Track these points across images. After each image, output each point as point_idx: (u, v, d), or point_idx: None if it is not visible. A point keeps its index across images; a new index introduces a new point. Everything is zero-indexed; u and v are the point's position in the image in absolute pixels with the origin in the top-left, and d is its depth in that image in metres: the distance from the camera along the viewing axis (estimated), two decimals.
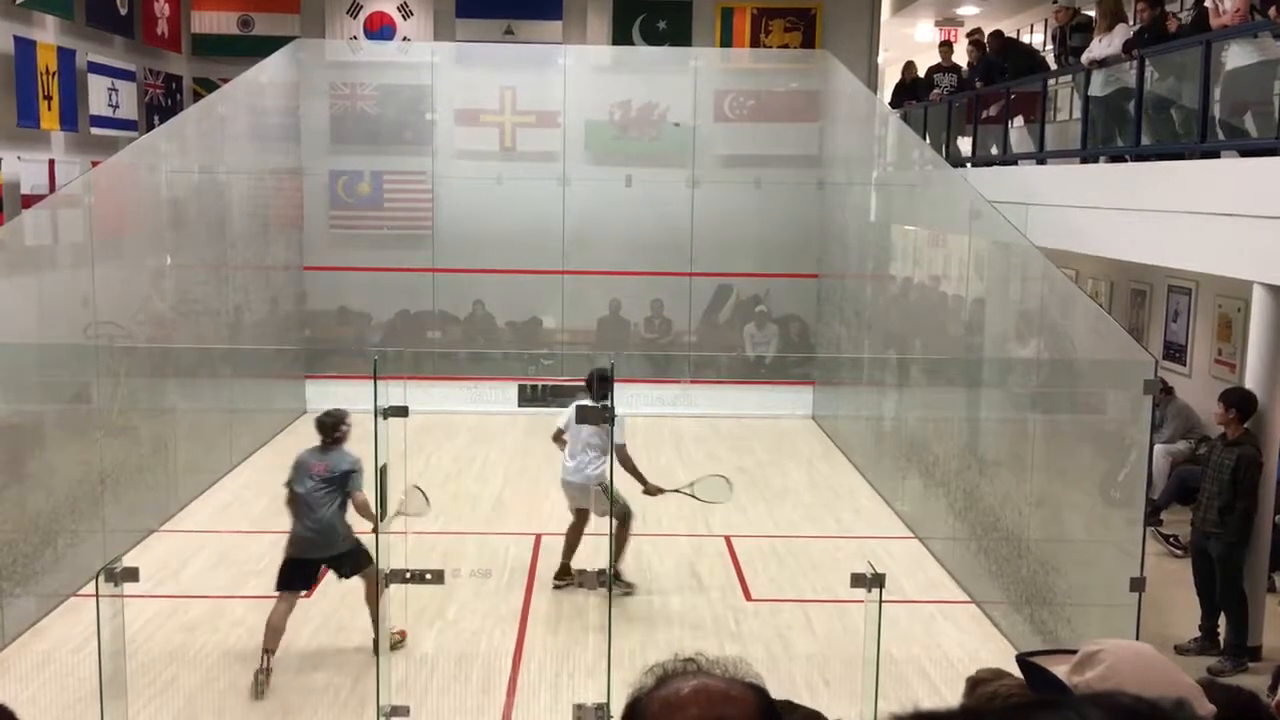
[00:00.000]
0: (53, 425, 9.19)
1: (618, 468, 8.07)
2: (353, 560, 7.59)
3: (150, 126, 14.52)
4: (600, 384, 8.43)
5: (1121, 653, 1.75)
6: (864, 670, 6.14)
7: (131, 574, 5.82)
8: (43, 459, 8.85)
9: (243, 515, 10.82)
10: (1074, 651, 1.85)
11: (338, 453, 7.62)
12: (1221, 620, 7.92)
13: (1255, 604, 7.82)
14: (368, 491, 7.16)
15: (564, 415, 8.94)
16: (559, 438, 9.07)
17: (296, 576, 7.59)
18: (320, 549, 7.56)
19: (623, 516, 8.69)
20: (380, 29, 16.72)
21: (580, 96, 15.67)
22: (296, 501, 7.61)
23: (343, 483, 7.50)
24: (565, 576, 8.88)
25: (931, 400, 11.43)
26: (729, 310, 16.18)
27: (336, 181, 15.85)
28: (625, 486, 8.67)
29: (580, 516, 8.99)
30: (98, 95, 13.81)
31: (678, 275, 15.70)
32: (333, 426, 7.68)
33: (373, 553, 7.03)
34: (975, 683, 3.42)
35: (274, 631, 7.33)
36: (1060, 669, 1.80)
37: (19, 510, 8.37)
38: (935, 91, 14.41)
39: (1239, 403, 7.75)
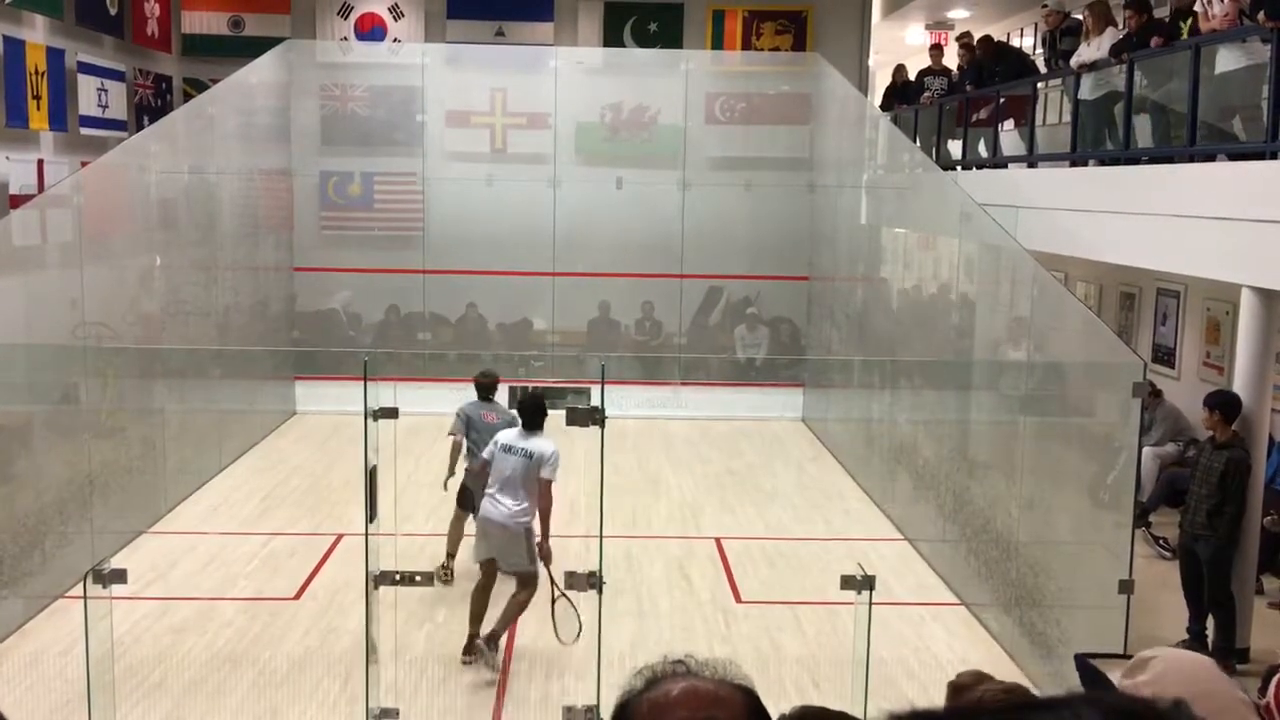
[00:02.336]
0: (41, 426, 9.16)
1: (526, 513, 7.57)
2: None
3: (140, 127, 14.48)
4: (531, 414, 7.77)
5: (1175, 661, 1.75)
6: (853, 672, 6.15)
7: (120, 575, 5.81)
8: (30, 460, 8.82)
9: (232, 517, 10.80)
10: (1129, 657, 1.85)
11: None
12: (1209, 622, 7.95)
13: (1243, 606, 7.84)
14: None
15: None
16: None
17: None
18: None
19: (532, 580, 7.70)
20: (371, 30, 16.70)
21: (571, 98, 15.66)
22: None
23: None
24: (473, 650, 7.60)
25: (921, 402, 11.45)
26: (719, 312, 16.19)
27: (327, 182, 15.83)
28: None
29: (492, 570, 7.77)
30: (87, 95, 13.76)
31: (668, 277, 15.71)
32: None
33: (363, 554, 7.02)
34: (957, 688, 3.42)
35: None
36: (1114, 674, 1.81)
37: (6, 511, 8.33)
38: (926, 95, 14.44)
39: (1221, 405, 7.77)
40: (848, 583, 5.93)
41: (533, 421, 7.71)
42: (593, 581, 6.88)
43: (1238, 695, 1.71)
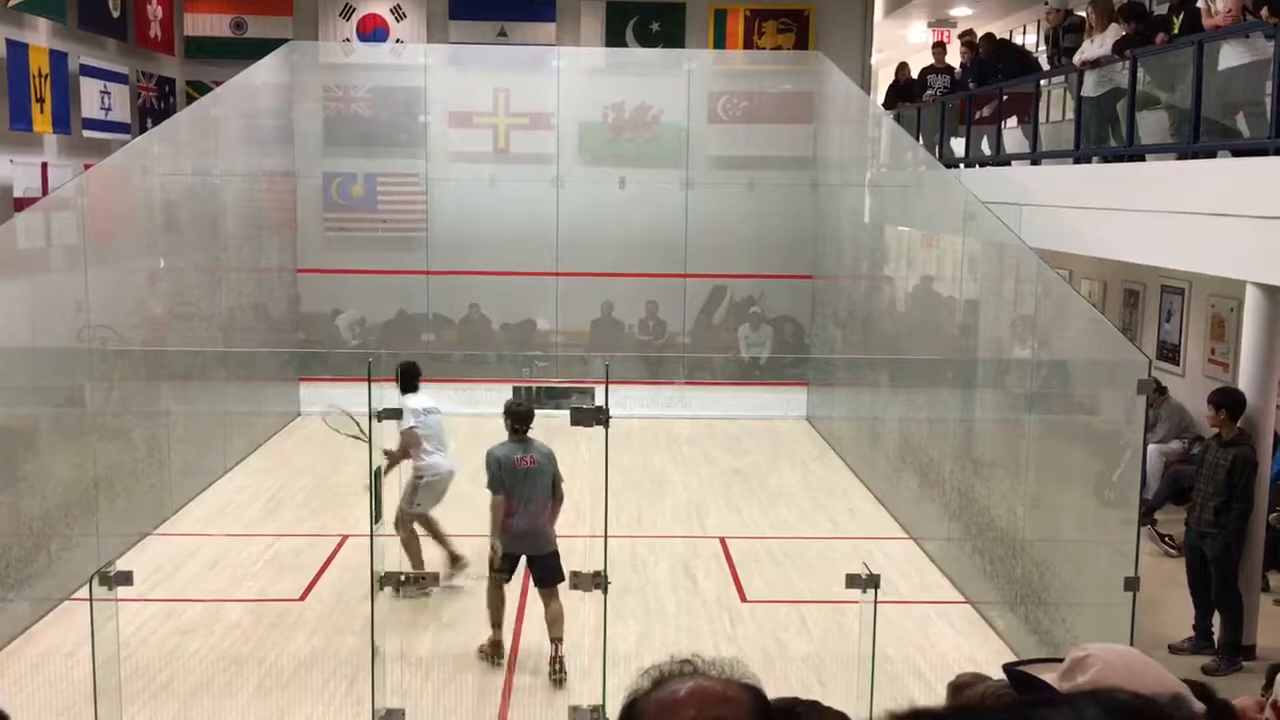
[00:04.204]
0: (46, 429, 9.17)
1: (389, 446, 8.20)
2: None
3: (143, 129, 14.49)
4: (405, 378, 8.71)
5: (1109, 656, 1.75)
6: (859, 671, 6.15)
7: (125, 577, 5.82)
8: (36, 463, 8.83)
9: (237, 518, 10.81)
10: (1059, 660, 1.84)
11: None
12: (1216, 619, 7.94)
13: (1249, 603, 7.83)
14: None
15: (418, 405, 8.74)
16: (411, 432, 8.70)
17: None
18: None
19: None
20: (373, 31, 16.71)
21: (574, 98, 15.67)
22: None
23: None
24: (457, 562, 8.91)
25: (926, 401, 11.44)
26: (723, 312, 16.18)
27: (330, 184, 15.84)
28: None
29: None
30: (90, 98, 13.78)
31: (672, 277, 15.70)
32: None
33: (368, 555, 7.02)
34: (958, 687, 3.41)
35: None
36: (1049, 676, 1.80)
37: (12, 514, 8.34)
38: (928, 93, 14.43)
39: (1227, 403, 7.76)
40: (853, 581, 5.92)
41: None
42: (598, 581, 6.88)
43: (1175, 681, 1.72)
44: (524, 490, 7.64)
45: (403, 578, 7.04)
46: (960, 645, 8.20)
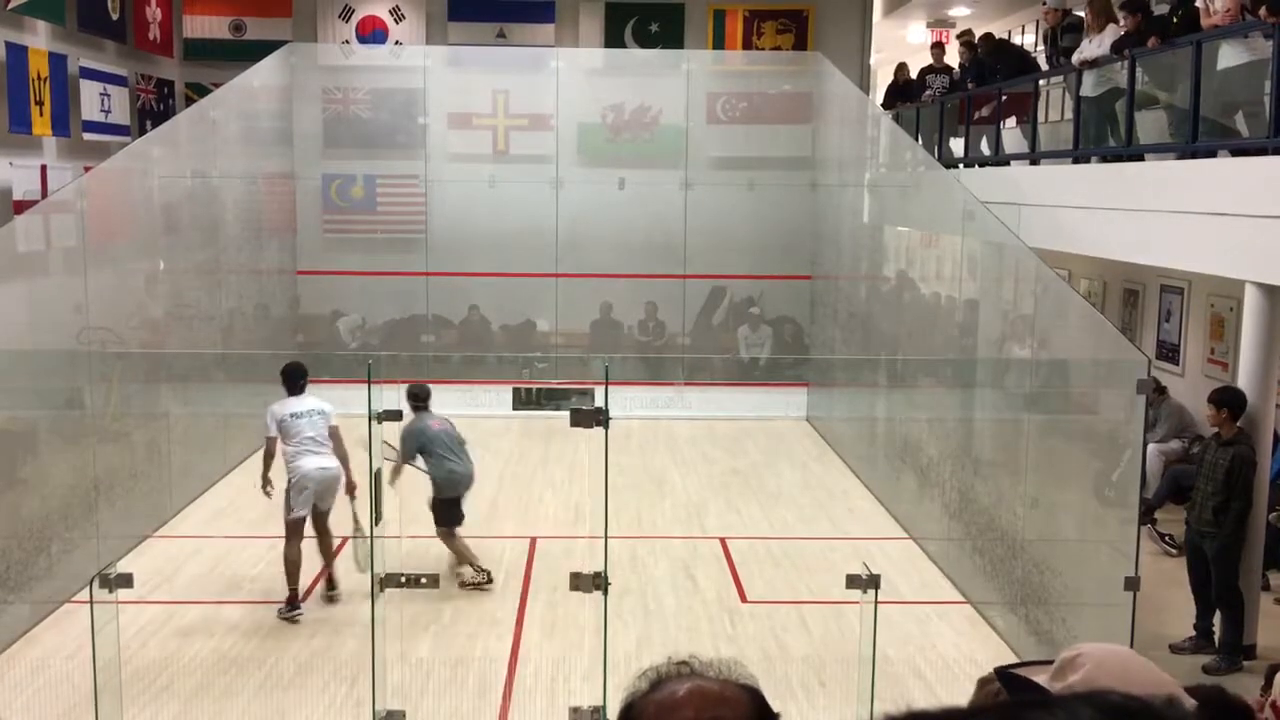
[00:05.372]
0: (46, 431, 9.17)
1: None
2: None
3: (142, 131, 14.49)
4: (287, 378, 9.15)
5: (1100, 655, 1.75)
6: (860, 671, 6.16)
7: (126, 580, 5.82)
8: (36, 465, 8.84)
9: (237, 520, 10.80)
10: (1051, 662, 1.84)
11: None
12: (1216, 619, 7.94)
13: (1250, 602, 7.83)
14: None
15: (292, 409, 8.89)
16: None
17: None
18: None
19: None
20: (372, 33, 16.71)
21: (573, 99, 15.67)
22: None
23: None
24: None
25: (925, 401, 11.45)
26: (723, 312, 16.19)
27: (329, 185, 15.84)
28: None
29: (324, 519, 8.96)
30: (90, 100, 13.78)
31: (671, 278, 15.71)
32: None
33: (368, 557, 7.03)
34: (984, 682, 3.43)
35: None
36: (1040, 678, 1.80)
37: (12, 516, 8.35)
38: (927, 93, 14.44)
39: (1229, 402, 7.76)
40: (853, 582, 5.93)
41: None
42: (598, 582, 6.88)
43: (1168, 680, 1.72)
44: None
45: (403, 579, 7.04)
46: (960, 645, 8.20)
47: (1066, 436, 8.49)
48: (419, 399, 9.17)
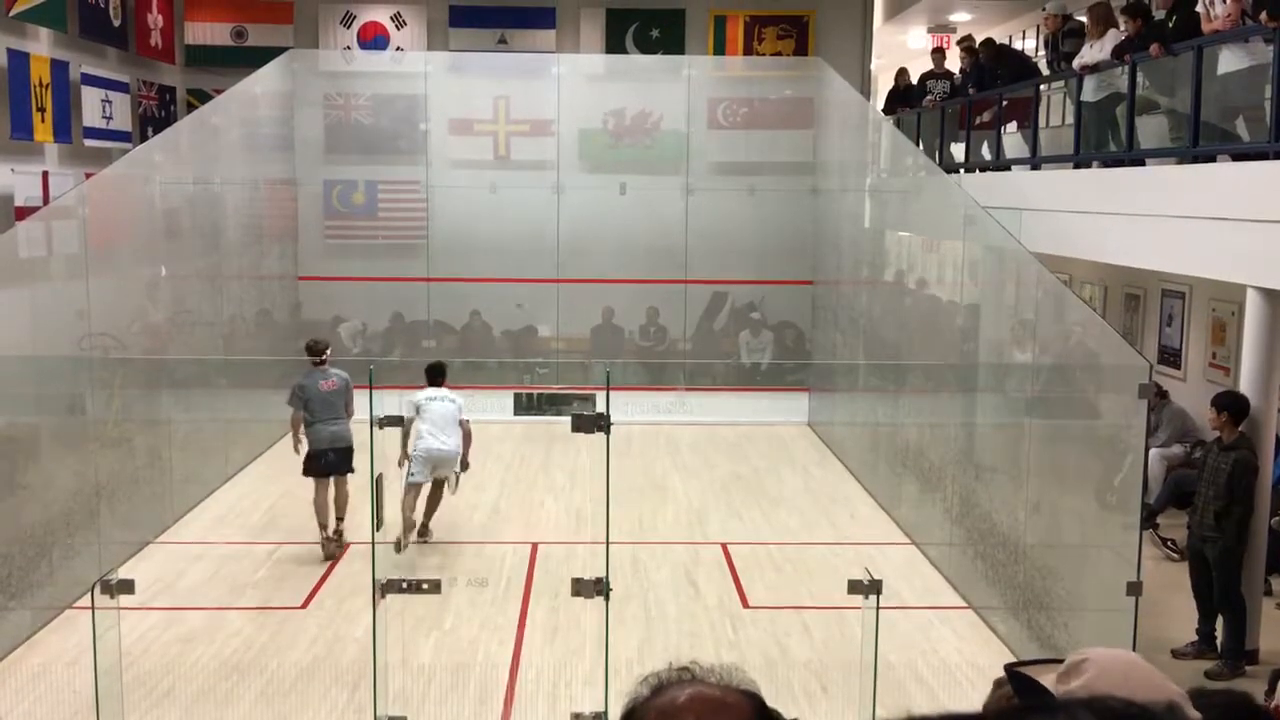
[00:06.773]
0: (48, 437, 9.17)
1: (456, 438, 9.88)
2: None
3: (144, 138, 14.51)
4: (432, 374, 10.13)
5: (1107, 660, 1.75)
6: (862, 676, 6.15)
7: (127, 586, 5.82)
8: (38, 471, 8.84)
9: (239, 526, 10.81)
10: (1061, 660, 1.85)
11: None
12: (1219, 624, 7.93)
13: (1252, 608, 7.82)
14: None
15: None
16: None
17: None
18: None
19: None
20: (374, 39, 16.74)
21: (574, 105, 15.70)
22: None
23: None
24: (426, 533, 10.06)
25: (927, 406, 11.44)
26: (724, 317, 16.20)
27: (331, 191, 15.86)
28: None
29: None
30: (91, 107, 13.80)
31: (672, 283, 15.72)
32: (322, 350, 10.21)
33: (369, 563, 7.02)
34: (999, 683, 3.43)
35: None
36: (1048, 678, 1.80)
37: (14, 523, 8.35)
38: (928, 98, 14.45)
39: (1230, 406, 7.76)
40: (855, 587, 5.93)
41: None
42: (599, 588, 6.88)
43: (1173, 687, 1.72)
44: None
45: (404, 585, 7.04)
46: (962, 650, 8.19)
47: (1068, 441, 8.49)
48: (312, 351, 10.35)
